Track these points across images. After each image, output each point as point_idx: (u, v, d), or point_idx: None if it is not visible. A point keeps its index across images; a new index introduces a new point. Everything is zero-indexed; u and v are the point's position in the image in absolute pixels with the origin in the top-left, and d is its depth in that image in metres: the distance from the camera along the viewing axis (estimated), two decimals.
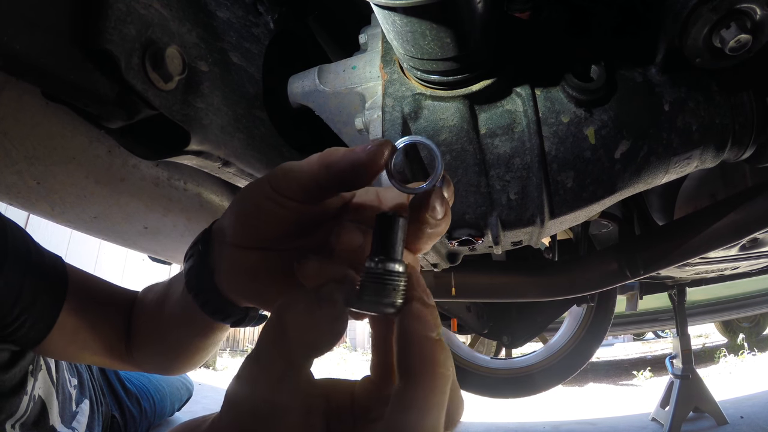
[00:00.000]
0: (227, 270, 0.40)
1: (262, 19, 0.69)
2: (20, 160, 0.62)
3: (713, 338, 5.59)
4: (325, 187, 0.33)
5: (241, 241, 0.38)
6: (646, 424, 2.26)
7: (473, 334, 2.45)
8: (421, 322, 0.28)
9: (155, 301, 0.56)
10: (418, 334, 0.27)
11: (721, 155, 0.60)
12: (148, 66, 0.49)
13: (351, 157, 0.32)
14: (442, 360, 0.27)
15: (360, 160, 0.31)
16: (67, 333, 0.63)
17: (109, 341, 0.63)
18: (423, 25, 0.47)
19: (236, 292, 0.41)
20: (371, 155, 0.31)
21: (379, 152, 0.31)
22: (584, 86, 0.54)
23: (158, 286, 0.58)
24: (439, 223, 0.32)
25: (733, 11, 0.49)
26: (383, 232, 0.29)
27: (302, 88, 0.64)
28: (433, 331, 0.27)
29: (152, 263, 1.32)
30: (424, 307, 0.28)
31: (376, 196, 0.37)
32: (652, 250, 0.89)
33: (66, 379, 1.11)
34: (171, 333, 0.53)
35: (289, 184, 0.34)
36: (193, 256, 0.42)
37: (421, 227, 0.32)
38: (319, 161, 0.33)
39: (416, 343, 0.27)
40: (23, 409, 0.86)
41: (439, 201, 0.31)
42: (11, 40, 0.40)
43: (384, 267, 0.28)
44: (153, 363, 0.63)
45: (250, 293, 0.41)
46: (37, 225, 3.81)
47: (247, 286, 0.40)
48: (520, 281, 1.07)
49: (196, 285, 0.42)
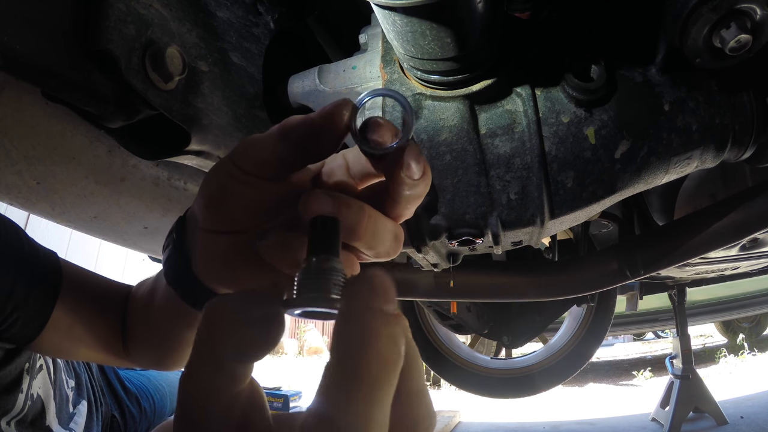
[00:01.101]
0: (201, 257, 0.38)
1: (262, 19, 0.69)
2: (20, 160, 0.62)
3: (713, 338, 5.59)
4: (287, 159, 0.31)
5: (211, 225, 0.36)
6: (646, 424, 2.26)
7: (473, 334, 2.45)
8: (368, 284, 0.21)
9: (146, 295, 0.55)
10: (362, 299, 0.21)
11: (721, 155, 0.60)
12: (148, 66, 0.49)
13: (307, 121, 0.29)
14: (385, 335, 0.20)
15: (316, 123, 0.29)
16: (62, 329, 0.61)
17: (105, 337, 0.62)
18: (423, 25, 0.47)
19: (213, 279, 0.40)
20: (328, 116, 0.28)
21: (335, 112, 0.28)
22: (584, 86, 0.54)
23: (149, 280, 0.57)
24: (417, 183, 0.29)
25: (733, 11, 0.49)
26: (319, 233, 0.27)
27: (302, 88, 0.64)
28: (380, 303, 0.21)
29: (152, 263, 1.32)
30: (379, 274, 0.22)
31: (343, 160, 0.34)
32: (652, 250, 0.89)
33: (63, 381, 1.11)
34: (161, 326, 0.52)
35: (251, 160, 0.32)
36: (169, 246, 0.41)
37: (398, 189, 0.29)
38: (278, 130, 0.30)
39: (355, 310, 0.21)
40: (19, 407, 0.85)
41: (414, 158, 0.28)
42: (11, 40, 0.40)
43: (322, 265, 0.25)
44: (147, 358, 0.62)
45: (226, 280, 0.39)
46: (37, 225, 3.81)
47: (223, 273, 0.38)
48: (520, 281, 1.07)
49: (174, 275, 0.41)
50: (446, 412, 2.67)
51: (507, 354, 2.74)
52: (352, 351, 0.20)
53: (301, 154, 0.31)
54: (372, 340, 0.20)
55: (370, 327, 0.20)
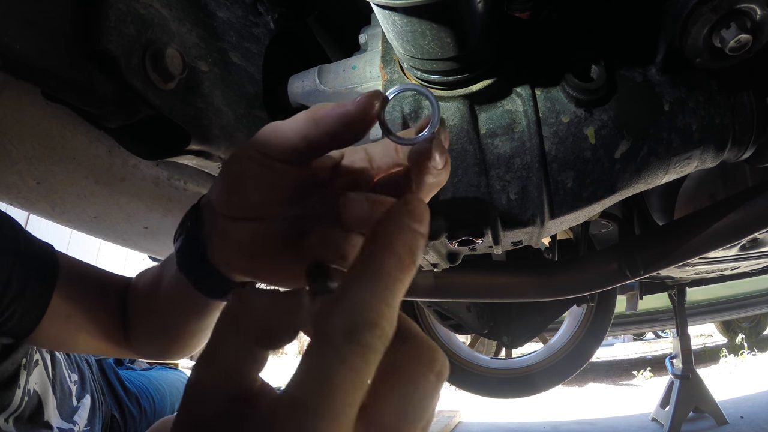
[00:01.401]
0: (218, 244, 0.39)
1: (262, 19, 0.69)
2: (20, 160, 0.62)
3: (713, 338, 5.59)
4: (315, 144, 0.32)
5: (230, 211, 0.37)
6: (646, 424, 2.26)
7: (473, 334, 2.45)
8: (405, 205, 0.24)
9: (150, 284, 0.55)
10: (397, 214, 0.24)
11: (721, 155, 0.60)
12: (148, 66, 0.49)
13: (340, 110, 0.31)
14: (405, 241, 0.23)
15: (349, 113, 0.30)
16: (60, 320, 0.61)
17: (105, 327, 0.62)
18: (423, 24, 0.47)
19: (229, 266, 0.40)
20: (361, 106, 0.30)
21: (368, 103, 0.30)
22: (584, 86, 0.54)
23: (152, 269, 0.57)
24: (440, 172, 0.31)
25: (733, 11, 0.49)
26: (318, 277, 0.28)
27: (302, 88, 0.64)
28: (414, 221, 0.24)
29: (152, 263, 1.32)
30: (416, 199, 0.25)
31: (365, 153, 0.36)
32: (652, 250, 0.89)
33: (65, 375, 1.11)
34: (167, 316, 0.52)
35: (278, 144, 0.33)
36: (182, 234, 0.41)
37: (422, 178, 0.31)
38: (307, 117, 0.32)
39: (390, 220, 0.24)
40: (17, 403, 0.85)
41: (439, 150, 0.30)
42: (11, 40, 0.40)
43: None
44: (150, 348, 0.62)
45: (243, 267, 0.40)
46: (37, 224, 3.81)
47: (240, 260, 0.39)
48: (520, 281, 1.07)
49: (188, 263, 0.41)
50: (446, 412, 2.67)
51: (507, 354, 2.74)
52: (374, 248, 0.23)
53: (329, 141, 0.32)
54: (393, 242, 0.23)
55: (393, 230, 0.23)
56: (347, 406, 0.20)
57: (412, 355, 0.23)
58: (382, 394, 0.22)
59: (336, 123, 0.31)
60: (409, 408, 0.22)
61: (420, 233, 0.24)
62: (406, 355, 0.23)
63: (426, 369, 0.23)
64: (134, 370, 1.86)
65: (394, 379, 0.22)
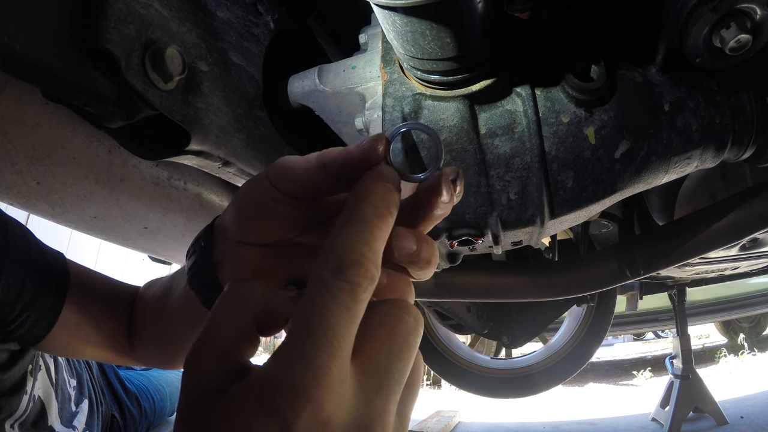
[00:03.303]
0: (229, 266, 0.40)
1: (262, 19, 0.69)
2: (20, 160, 0.62)
3: (713, 338, 5.59)
4: (323, 186, 0.34)
5: (242, 237, 0.38)
6: (646, 424, 2.26)
7: (473, 334, 2.45)
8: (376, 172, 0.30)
9: (158, 296, 0.56)
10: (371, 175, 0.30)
11: (721, 155, 0.60)
12: (148, 66, 0.49)
13: (345, 156, 0.32)
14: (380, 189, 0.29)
15: (354, 159, 0.32)
16: (70, 329, 0.62)
17: (111, 335, 0.63)
18: (423, 24, 0.47)
19: None
20: (365, 152, 0.32)
21: (372, 148, 0.31)
22: (584, 86, 0.54)
23: (161, 281, 0.58)
24: (447, 206, 0.33)
25: (733, 11, 0.49)
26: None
27: (302, 88, 0.64)
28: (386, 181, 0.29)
29: (152, 263, 1.32)
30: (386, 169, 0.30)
31: None
32: (652, 250, 0.89)
33: (65, 380, 1.11)
34: (173, 328, 0.53)
35: (288, 182, 0.34)
36: (195, 253, 0.43)
37: (429, 212, 0.33)
38: (316, 161, 0.33)
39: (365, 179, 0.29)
40: (23, 409, 0.86)
41: (447, 186, 0.32)
42: (11, 40, 0.40)
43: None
44: (155, 357, 0.63)
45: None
46: (38, 225, 3.81)
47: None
48: (520, 281, 1.07)
49: (199, 281, 0.42)
50: (446, 412, 2.67)
51: (507, 354, 2.74)
52: (353, 202, 0.28)
53: (338, 183, 0.33)
54: (371, 195, 0.28)
55: (370, 185, 0.29)
56: (342, 340, 0.24)
57: (390, 304, 0.28)
58: (370, 332, 0.26)
59: (342, 166, 0.32)
60: (394, 342, 0.26)
61: (391, 189, 0.29)
62: (385, 304, 0.28)
63: (403, 312, 0.28)
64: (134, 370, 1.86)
65: (378, 321, 0.27)
